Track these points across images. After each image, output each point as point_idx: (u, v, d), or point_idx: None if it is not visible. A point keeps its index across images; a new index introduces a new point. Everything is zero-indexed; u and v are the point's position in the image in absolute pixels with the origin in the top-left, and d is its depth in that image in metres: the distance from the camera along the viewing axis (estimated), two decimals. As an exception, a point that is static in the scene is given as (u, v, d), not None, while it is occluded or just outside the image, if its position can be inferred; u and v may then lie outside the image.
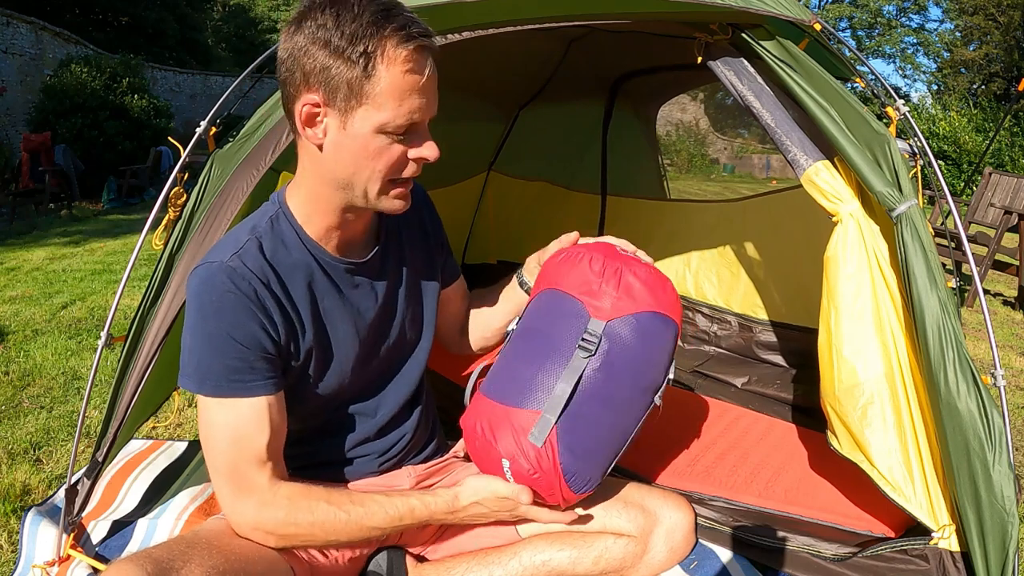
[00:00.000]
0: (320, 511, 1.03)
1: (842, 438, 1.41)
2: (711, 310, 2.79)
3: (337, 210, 1.05)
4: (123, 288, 1.48)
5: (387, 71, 0.91)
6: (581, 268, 1.20)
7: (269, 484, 1.03)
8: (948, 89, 21.20)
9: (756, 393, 2.31)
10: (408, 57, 0.92)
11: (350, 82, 0.92)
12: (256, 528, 1.03)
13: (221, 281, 0.98)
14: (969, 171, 11.57)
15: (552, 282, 1.23)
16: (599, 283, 1.18)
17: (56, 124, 8.55)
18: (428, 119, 0.99)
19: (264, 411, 1.01)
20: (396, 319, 1.21)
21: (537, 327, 1.22)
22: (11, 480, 1.80)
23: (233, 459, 1.01)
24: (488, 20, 1.47)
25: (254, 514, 1.02)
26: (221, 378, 0.99)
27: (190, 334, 1.00)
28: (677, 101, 13.30)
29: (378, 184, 0.99)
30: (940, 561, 1.27)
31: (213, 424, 1.00)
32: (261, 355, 1.00)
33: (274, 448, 1.03)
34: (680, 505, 1.27)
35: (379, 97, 0.92)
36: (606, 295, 1.17)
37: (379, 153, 0.96)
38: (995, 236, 4.31)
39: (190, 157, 1.47)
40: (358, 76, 0.91)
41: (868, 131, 1.30)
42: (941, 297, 1.21)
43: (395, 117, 0.94)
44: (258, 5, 26.45)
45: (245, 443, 1.00)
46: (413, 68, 0.93)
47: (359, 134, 0.95)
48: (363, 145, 0.95)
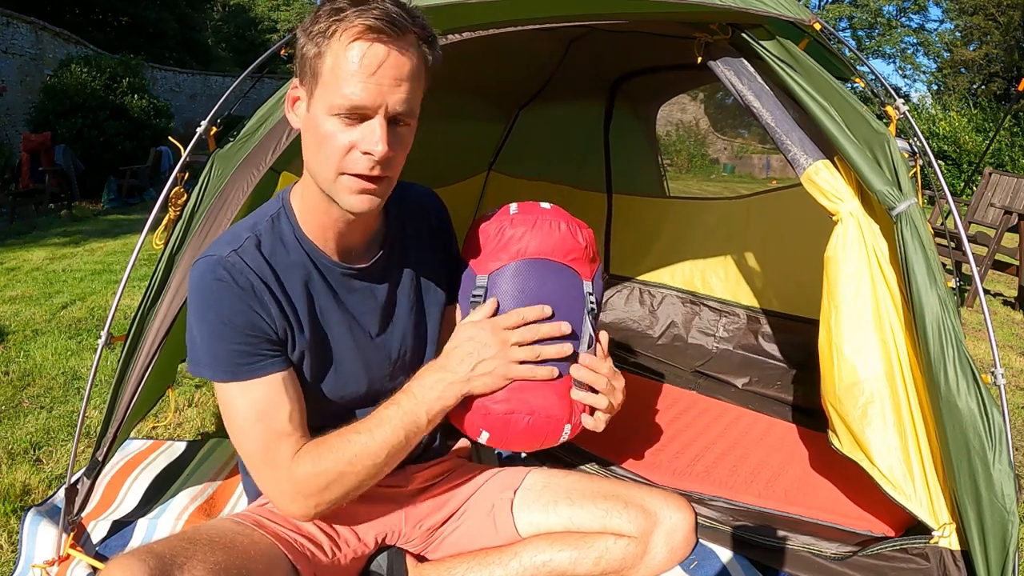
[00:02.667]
0: (336, 446, 1.04)
1: (842, 437, 1.41)
2: (719, 303, 2.84)
3: (323, 206, 1.04)
4: (123, 288, 1.48)
5: (332, 49, 0.92)
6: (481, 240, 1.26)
7: (295, 452, 1.04)
8: (948, 89, 21.22)
9: (756, 393, 2.31)
10: (354, 36, 0.91)
11: (310, 62, 0.94)
12: (296, 496, 1.03)
13: (219, 274, 1.00)
14: (969, 171, 11.57)
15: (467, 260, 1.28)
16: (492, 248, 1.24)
17: (56, 124, 8.54)
18: (379, 109, 0.94)
19: (280, 386, 1.02)
20: (398, 328, 1.20)
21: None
22: (11, 480, 1.80)
23: (263, 437, 1.02)
24: (488, 20, 1.47)
25: (290, 484, 1.03)
26: (231, 363, 1.00)
27: (195, 325, 1.02)
28: (677, 101, 13.31)
29: (330, 173, 0.97)
30: (940, 560, 1.27)
31: (235, 408, 1.02)
32: (265, 338, 1.02)
33: (297, 420, 1.04)
34: (680, 506, 1.26)
35: (327, 75, 0.93)
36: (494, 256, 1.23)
37: (327, 137, 0.95)
38: (995, 236, 4.31)
39: (190, 157, 1.47)
40: (315, 54, 0.93)
41: (868, 130, 1.30)
42: (941, 295, 1.21)
43: (337, 97, 0.93)
44: (258, 5, 26.45)
45: (268, 420, 1.02)
46: (356, 49, 0.92)
47: (315, 116, 0.96)
48: (316, 127, 0.96)
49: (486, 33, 1.47)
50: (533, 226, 1.23)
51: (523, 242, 1.22)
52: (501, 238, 1.22)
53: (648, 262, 3.10)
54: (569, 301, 1.23)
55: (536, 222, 1.23)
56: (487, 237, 1.24)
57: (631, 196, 3.29)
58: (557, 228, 1.25)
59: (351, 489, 1.06)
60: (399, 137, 0.98)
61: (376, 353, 1.18)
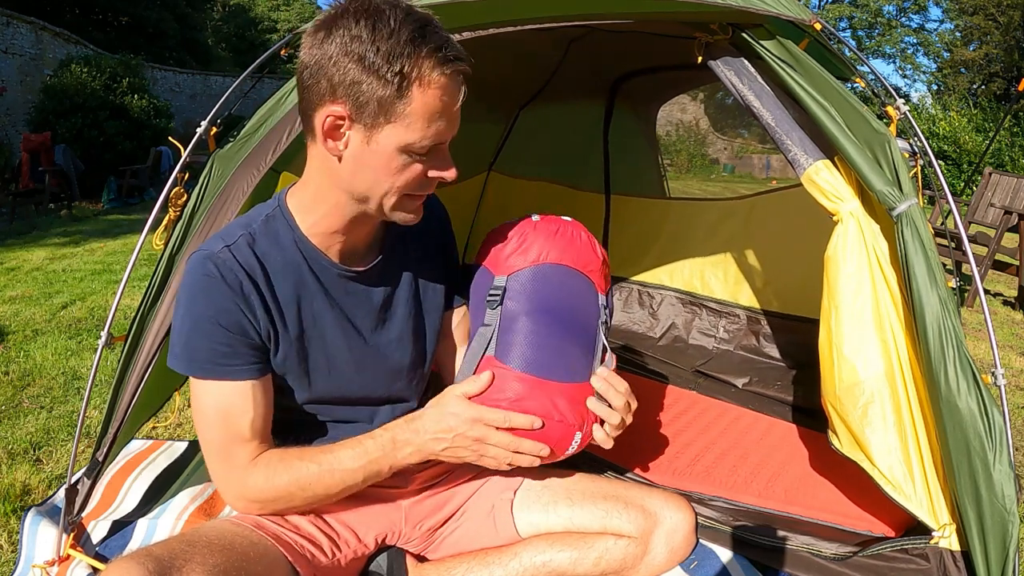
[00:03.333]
0: (294, 468, 1.06)
1: (842, 437, 1.41)
2: (719, 304, 2.83)
3: (346, 217, 1.05)
4: (123, 288, 1.48)
5: (421, 94, 0.91)
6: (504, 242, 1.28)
7: (252, 458, 1.06)
8: (948, 89, 21.22)
9: (757, 394, 2.31)
10: (444, 83, 0.92)
11: (381, 99, 0.90)
12: (241, 497, 1.07)
13: (209, 269, 1.01)
14: (969, 171, 11.57)
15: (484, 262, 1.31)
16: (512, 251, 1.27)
17: (56, 124, 8.54)
18: (451, 139, 1.00)
19: (248, 393, 1.04)
20: (393, 331, 1.20)
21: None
22: (11, 480, 1.80)
23: (222, 436, 1.04)
24: (488, 20, 1.47)
25: (239, 486, 1.06)
26: (207, 361, 1.01)
27: (179, 317, 1.03)
28: (677, 101, 13.30)
29: (395, 199, 1.00)
30: (940, 560, 1.27)
31: (203, 403, 1.04)
32: (246, 341, 1.03)
33: (258, 427, 1.06)
34: (681, 506, 1.26)
35: (409, 117, 0.91)
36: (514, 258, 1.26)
37: (400, 170, 0.97)
38: (995, 236, 4.31)
39: (190, 157, 1.47)
40: (391, 95, 0.90)
41: (868, 130, 1.30)
42: (941, 296, 1.21)
43: (422, 138, 0.94)
44: (258, 5, 26.47)
45: (231, 421, 1.03)
46: (448, 92, 0.93)
47: (383, 152, 0.94)
48: (386, 162, 0.95)
49: (485, 33, 1.47)
50: (556, 233, 1.26)
51: (545, 247, 1.24)
52: (524, 242, 1.25)
53: (648, 263, 3.09)
54: (584, 309, 1.26)
55: (559, 230, 1.27)
56: (508, 240, 1.26)
57: (631, 197, 3.28)
58: (578, 238, 1.29)
59: (298, 507, 1.10)
60: None
61: (370, 355, 1.17)
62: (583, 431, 1.15)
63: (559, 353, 1.18)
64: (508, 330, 1.19)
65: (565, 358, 1.18)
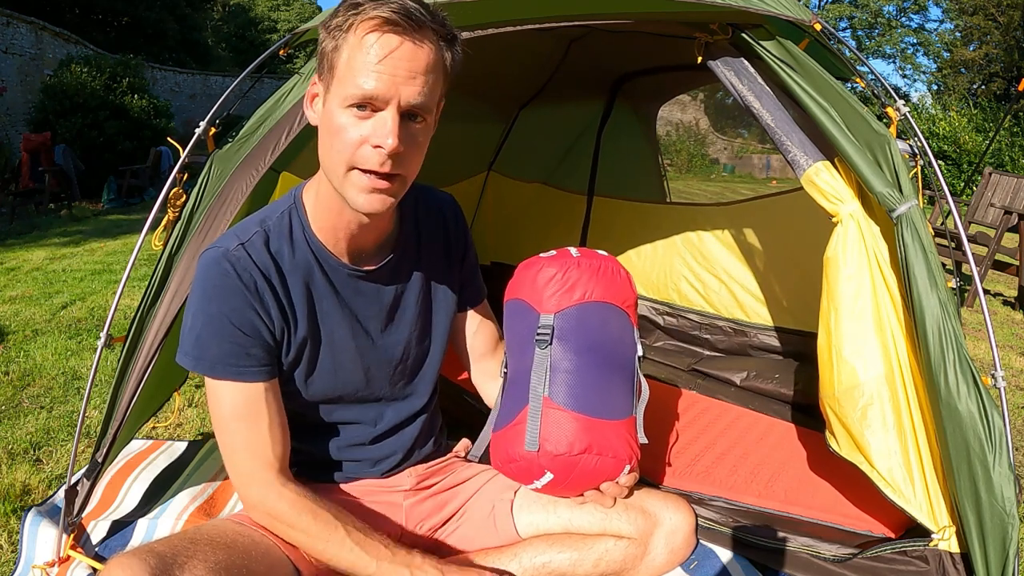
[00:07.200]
0: (320, 520, 1.03)
1: (841, 439, 1.41)
2: (700, 316, 2.76)
3: (336, 206, 1.03)
4: (123, 288, 1.48)
5: (348, 42, 0.92)
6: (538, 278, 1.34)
7: (280, 466, 1.05)
8: (948, 89, 21.23)
9: (756, 391, 2.31)
10: (370, 28, 0.91)
11: (328, 56, 0.94)
12: (259, 506, 1.05)
13: (224, 267, 1.01)
14: (969, 171, 11.57)
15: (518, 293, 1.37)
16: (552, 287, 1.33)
17: (56, 124, 8.55)
18: (391, 101, 0.92)
19: (262, 395, 1.04)
20: (402, 332, 1.20)
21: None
22: (11, 480, 1.79)
23: (245, 437, 1.04)
24: (488, 20, 1.47)
25: (262, 495, 1.04)
26: (217, 361, 1.01)
27: (192, 313, 1.03)
28: (677, 101, 13.31)
29: (341, 168, 0.95)
30: (940, 562, 1.27)
31: (221, 402, 1.03)
32: (258, 342, 1.02)
33: (277, 429, 1.05)
34: (680, 507, 1.26)
35: (342, 68, 0.93)
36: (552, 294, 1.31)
37: (340, 130, 0.94)
38: (995, 236, 4.31)
39: (190, 157, 1.47)
40: (332, 48, 0.94)
41: (868, 131, 1.30)
42: (941, 298, 1.21)
43: (349, 87, 0.92)
44: (258, 5, 26.47)
45: (250, 422, 1.03)
46: (370, 39, 0.91)
47: (330, 109, 0.95)
48: (330, 121, 0.95)
49: (485, 33, 1.47)
50: (598, 271, 1.32)
51: (589, 285, 1.30)
52: (568, 281, 1.30)
53: (645, 269, 3.04)
54: (624, 345, 1.33)
55: (601, 267, 1.33)
56: (550, 278, 1.31)
57: (615, 199, 3.21)
58: (618, 274, 1.35)
59: (300, 546, 1.06)
60: (412, 134, 0.96)
61: (377, 355, 1.17)
62: (631, 463, 1.23)
63: (607, 392, 1.26)
64: (558, 369, 1.25)
65: (612, 396, 1.26)
